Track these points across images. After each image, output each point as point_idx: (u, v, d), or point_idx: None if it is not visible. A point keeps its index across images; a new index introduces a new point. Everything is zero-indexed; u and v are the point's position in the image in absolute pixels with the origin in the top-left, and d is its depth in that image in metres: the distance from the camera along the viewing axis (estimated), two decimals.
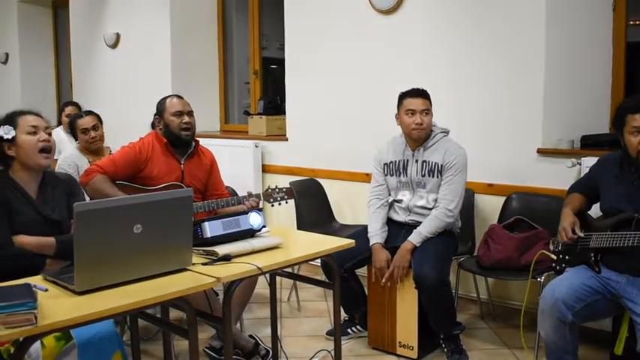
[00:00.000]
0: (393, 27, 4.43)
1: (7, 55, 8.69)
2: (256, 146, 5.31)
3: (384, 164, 3.64)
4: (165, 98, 3.65)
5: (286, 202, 3.69)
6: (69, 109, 5.59)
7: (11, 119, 2.63)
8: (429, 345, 3.50)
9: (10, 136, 2.57)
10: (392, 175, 3.61)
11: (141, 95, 6.40)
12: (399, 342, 3.47)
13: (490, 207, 4.03)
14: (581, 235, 2.87)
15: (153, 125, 4.36)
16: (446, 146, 3.50)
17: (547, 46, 3.75)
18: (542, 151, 3.81)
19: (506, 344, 3.64)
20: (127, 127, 5.48)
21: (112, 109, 6.36)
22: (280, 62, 5.47)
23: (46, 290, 2.10)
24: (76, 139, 4.35)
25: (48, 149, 2.64)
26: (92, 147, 4.25)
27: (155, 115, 3.64)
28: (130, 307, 2.02)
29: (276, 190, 3.65)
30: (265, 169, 5.39)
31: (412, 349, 3.42)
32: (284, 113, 5.35)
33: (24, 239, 2.54)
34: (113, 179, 3.43)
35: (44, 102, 8.21)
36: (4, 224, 2.52)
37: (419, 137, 3.50)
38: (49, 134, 2.67)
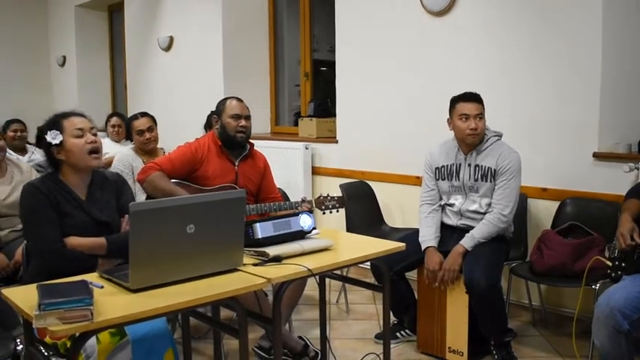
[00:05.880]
0: (445, 28, 4.39)
1: (64, 57, 8.92)
2: (306, 148, 5.33)
3: (436, 168, 3.60)
4: (225, 99, 3.72)
5: (337, 211, 3.71)
6: (114, 120, 5.77)
7: (57, 123, 2.63)
8: (479, 351, 3.44)
9: (57, 141, 2.59)
10: (444, 180, 3.58)
11: (193, 97, 6.50)
12: (449, 347, 3.44)
13: (544, 212, 3.96)
14: None
15: (205, 126, 4.43)
16: (499, 150, 3.45)
17: (604, 46, 3.66)
18: (598, 155, 3.72)
19: (559, 352, 3.56)
20: (180, 129, 5.57)
21: (165, 110, 6.48)
22: (331, 64, 5.48)
23: (102, 287, 2.14)
24: (131, 140, 4.44)
25: (96, 150, 2.66)
26: (146, 148, 4.34)
27: (214, 114, 3.70)
28: (182, 305, 2.04)
29: (328, 198, 3.67)
30: (315, 171, 5.40)
31: (462, 355, 3.38)
32: (334, 115, 5.36)
33: (76, 241, 2.59)
34: (169, 177, 3.49)
35: (100, 103, 8.42)
36: (56, 227, 2.56)
37: (473, 142, 3.46)
38: (95, 134, 2.69)
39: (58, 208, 2.58)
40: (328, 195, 3.68)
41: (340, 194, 3.83)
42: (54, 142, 2.59)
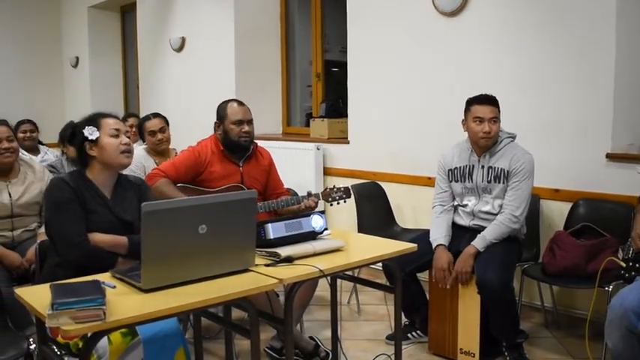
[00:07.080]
0: (457, 29, 4.38)
1: (77, 58, 8.96)
2: (318, 149, 5.33)
3: (449, 170, 3.59)
4: (225, 103, 3.67)
5: (344, 202, 3.71)
6: (132, 120, 5.78)
7: (94, 121, 2.70)
8: (491, 353, 3.43)
9: (94, 137, 2.65)
10: (457, 181, 3.56)
11: (205, 98, 6.51)
12: (461, 348, 3.42)
13: (556, 213, 3.94)
14: None
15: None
16: (513, 152, 3.44)
17: (617, 47, 3.63)
18: (611, 156, 3.70)
19: (571, 354, 3.54)
20: (192, 130, 5.57)
21: (177, 111, 6.50)
22: (342, 65, 5.48)
23: (114, 287, 2.15)
24: (144, 141, 4.46)
25: (129, 151, 2.72)
26: (158, 148, 4.36)
27: (215, 120, 3.68)
28: (194, 305, 2.05)
29: (335, 189, 3.68)
30: (327, 171, 5.40)
31: (474, 356, 3.37)
32: (346, 116, 5.36)
33: (99, 237, 2.62)
34: (174, 182, 3.49)
35: (112, 104, 8.43)
36: (82, 221, 2.60)
37: (486, 145, 3.45)
38: (129, 137, 2.75)
39: (84, 205, 2.62)
40: (334, 187, 3.69)
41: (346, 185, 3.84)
42: (90, 137, 2.65)
